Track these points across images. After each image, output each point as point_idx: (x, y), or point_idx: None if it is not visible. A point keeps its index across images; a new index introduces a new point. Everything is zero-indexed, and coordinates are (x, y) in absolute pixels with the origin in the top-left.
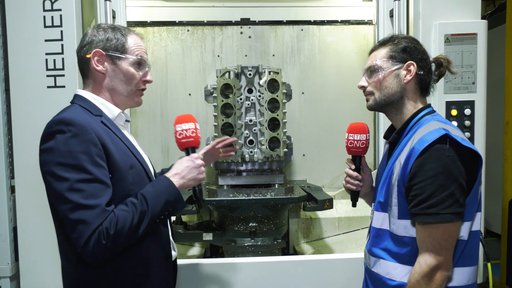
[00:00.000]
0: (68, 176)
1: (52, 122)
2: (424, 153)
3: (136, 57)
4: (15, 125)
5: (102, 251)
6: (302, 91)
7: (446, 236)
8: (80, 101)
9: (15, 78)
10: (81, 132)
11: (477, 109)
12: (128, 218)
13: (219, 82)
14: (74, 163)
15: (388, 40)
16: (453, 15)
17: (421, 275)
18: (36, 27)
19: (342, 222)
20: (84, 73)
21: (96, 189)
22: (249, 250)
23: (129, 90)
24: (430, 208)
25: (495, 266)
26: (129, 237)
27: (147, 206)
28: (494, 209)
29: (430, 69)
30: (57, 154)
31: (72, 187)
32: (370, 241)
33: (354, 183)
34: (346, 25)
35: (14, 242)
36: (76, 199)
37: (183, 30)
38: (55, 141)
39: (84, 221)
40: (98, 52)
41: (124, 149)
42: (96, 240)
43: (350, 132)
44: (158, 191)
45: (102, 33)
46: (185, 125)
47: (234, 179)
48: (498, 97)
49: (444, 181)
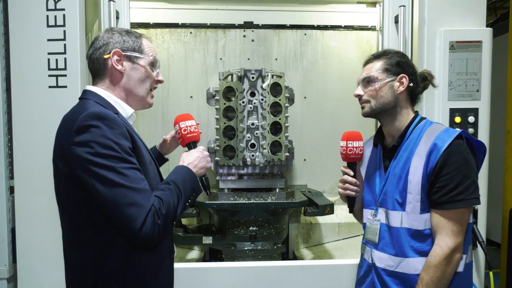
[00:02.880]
0: (112, 165)
1: (87, 116)
2: (447, 148)
3: (152, 57)
4: (15, 125)
5: (158, 230)
6: (304, 96)
7: (463, 220)
8: (93, 97)
9: (16, 77)
10: (115, 126)
11: (481, 117)
12: (170, 199)
13: (221, 85)
14: (114, 153)
15: (382, 54)
16: (458, 22)
17: (443, 256)
18: (39, 26)
19: (342, 227)
20: (100, 74)
21: (138, 176)
22: (249, 254)
23: (145, 90)
24: (459, 195)
25: (495, 275)
26: (174, 217)
27: (179, 190)
28: (494, 218)
29: (418, 82)
30: (96, 146)
31: (119, 173)
32: (387, 242)
33: (353, 189)
34: (349, 30)
35: (12, 243)
36: (126, 183)
37: (186, 32)
38: (91, 134)
39: (136, 203)
40: (118, 52)
41: (142, 145)
42: (152, 220)
43: (348, 139)
44: (184, 178)
45: (118, 35)
46: (188, 122)
47: (235, 182)
48: (499, 106)
49: (466, 171)
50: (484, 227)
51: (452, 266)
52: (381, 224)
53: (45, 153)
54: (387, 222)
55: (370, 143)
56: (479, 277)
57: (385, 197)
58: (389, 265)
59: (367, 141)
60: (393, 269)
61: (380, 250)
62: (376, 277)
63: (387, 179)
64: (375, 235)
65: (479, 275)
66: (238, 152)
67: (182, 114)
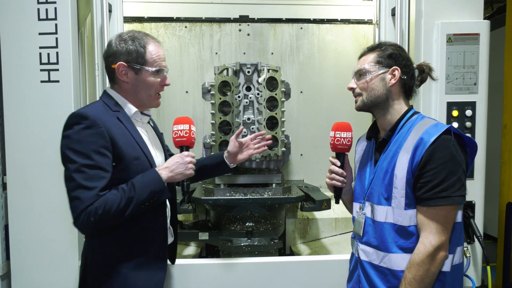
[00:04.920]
0: (77, 159)
1: (72, 115)
2: (433, 143)
3: (155, 68)
4: (7, 120)
5: (89, 226)
6: (300, 90)
7: (448, 218)
8: (105, 97)
9: (7, 72)
10: (93, 125)
11: (478, 110)
12: (116, 201)
13: (217, 80)
14: (82, 150)
15: (376, 47)
16: (456, 15)
17: (426, 254)
18: (30, 20)
19: (339, 222)
20: (111, 79)
21: (96, 174)
22: (245, 250)
23: (149, 95)
24: (442, 192)
25: (492, 268)
26: (115, 217)
27: (134, 193)
28: (490, 212)
29: (413, 75)
30: (71, 141)
31: (78, 169)
32: (371, 236)
33: (339, 180)
34: (346, 24)
35: (5, 240)
36: (79, 180)
37: (180, 26)
38: (72, 130)
39: (80, 198)
40: (121, 65)
41: (132, 142)
42: (85, 217)
43: (336, 130)
44: (146, 181)
45: (124, 45)
46: (180, 126)
47: (231, 178)
48: (496, 99)
49: (452, 167)
50: (481, 221)
51: (436, 264)
52: (366, 218)
53: (38, 149)
54: (372, 216)
55: (365, 136)
56: (476, 271)
57: (372, 191)
58: (373, 259)
59: (364, 134)
60: (377, 263)
61: (364, 244)
62: (361, 271)
63: (375, 173)
64: (360, 229)
65: (476, 270)
66: None
67: (180, 117)
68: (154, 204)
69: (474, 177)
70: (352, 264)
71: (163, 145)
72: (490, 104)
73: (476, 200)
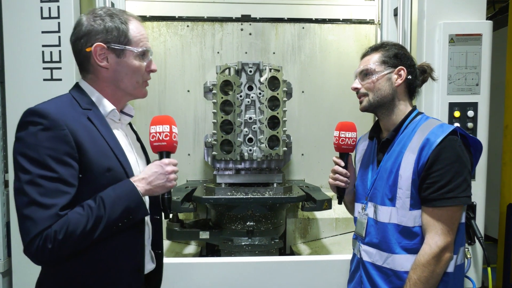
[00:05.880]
0: (30, 169)
1: (28, 112)
2: (440, 144)
3: (141, 48)
4: (9, 119)
5: (46, 254)
6: (302, 90)
7: (454, 219)
8: (75, 91)
9: (10, 70)
10: (53, 127)
11: (480, 111)
12: (81, 222)
13: (219, 79)
14: (38, 157)
15: (379, 46)
16: (458, 15)
17: (431, 255)
18: (33, 18)
19: (340, 222)
20: (83, 67)
21: (56, 189)
22: (246, 250)
23: (135, 83)
24: (449, 192)
25: (492, 270)
26: (80, 242)
27: (104, 211)
28: (491, 214)
29: (416, 75)
30: (25, 145)
31: (32, 181)
32: (373, 236)
33: (343, 180)
34: (347, 24)
35: (7, 237)
36: (32, 194)
37: (182, 25)
38: (26, 131)
39: (33, 219)
40: (100, 46)
41: (104, 149)
42: (41, 242)
43: (341, 129)
44: (118, 196)
45: (100, 22)
46: (159, 128)
47: (232, 177)
48: (497, 100)
49: (459, 168)
50: (482, 222)
51: (441, 265)
52: (369, 219)
53: None
54: (375, 216)
55: (367, 136)
56: (476, 272)
57: (375, 191)
58: (376, 260)
59: (365, 134)
60: (380, 264)
61: (367, 245)
62: (363, 272)
63: (378, 173)
64: (363, 229)
65: (477, 271)
66: (236, 146)
67: (159, 116)
68: (129, 223)
69: (476, 178)
70: (353, 265)
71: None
72: (492, 105)
73: (477, 201)
